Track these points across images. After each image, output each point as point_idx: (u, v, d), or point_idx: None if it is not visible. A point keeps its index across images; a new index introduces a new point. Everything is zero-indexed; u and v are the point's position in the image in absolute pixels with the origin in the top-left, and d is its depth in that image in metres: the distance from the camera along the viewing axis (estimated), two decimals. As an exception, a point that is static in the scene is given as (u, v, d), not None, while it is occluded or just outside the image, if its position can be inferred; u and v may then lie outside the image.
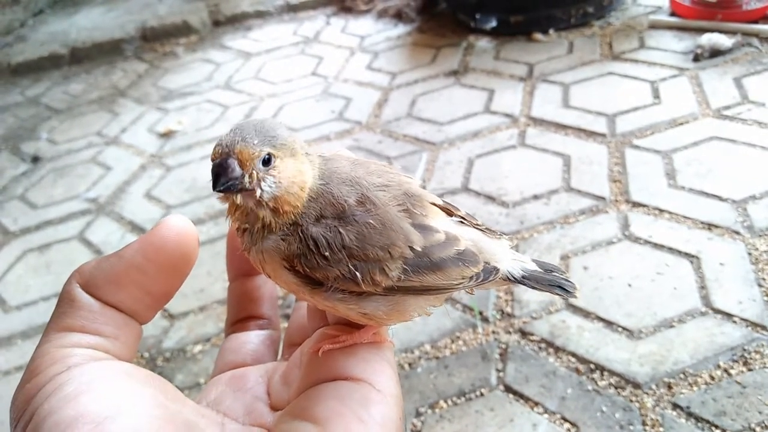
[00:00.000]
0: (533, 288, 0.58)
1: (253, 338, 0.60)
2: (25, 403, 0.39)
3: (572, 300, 1.75)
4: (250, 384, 0.54)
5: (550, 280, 0.58)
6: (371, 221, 0.50)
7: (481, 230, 0.58)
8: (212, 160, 0.50)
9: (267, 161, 0.49)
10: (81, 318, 0.43)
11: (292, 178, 0.50)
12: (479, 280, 0.54)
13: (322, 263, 0.49)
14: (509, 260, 0.57)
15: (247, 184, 0.49)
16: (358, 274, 0.49)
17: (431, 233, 0.52)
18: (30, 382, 0.40)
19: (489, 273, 0.54)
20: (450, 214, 0.57)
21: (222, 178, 0.49)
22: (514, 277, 0.56)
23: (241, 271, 0.63)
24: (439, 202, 0.57)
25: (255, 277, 0.62)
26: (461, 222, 0.57)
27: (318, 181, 0.51)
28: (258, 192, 0.49)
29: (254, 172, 0.49)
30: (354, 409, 0.45)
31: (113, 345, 0.44)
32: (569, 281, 0.58)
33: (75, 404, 0.37)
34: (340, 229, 0.50)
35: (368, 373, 0.48)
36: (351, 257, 0.49)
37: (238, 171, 0.49)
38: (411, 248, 0.51)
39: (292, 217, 0.50)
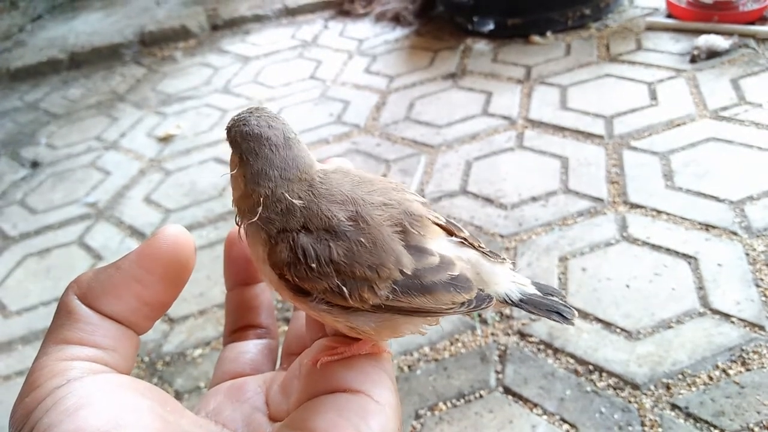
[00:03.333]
0: (530, 312, 0.57)
1: (251, 348, 0.60)
2: (24, 417, 0.39)
3: (571, 301, 1.76)
4: (248, 394, 0.54)
5: (548, 306, 0.57)
6: (362, 239, 0.50)
7: (482, 252, 0.57)
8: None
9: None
10: (79, 330, 0.43)
11: (231, 177, 0.54)
12: (471, 307, 0.53)
13: (309, 275, 0.49)
14: (508, 282, 0.56)
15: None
16: (345, 289, 0.49)
17: (425, 256, 0.52)
18: (29, 395, 0.40)
19: (482, 301, 0.54)
20: (452, 234, 0.57)
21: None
22: (512, 301, 0.56)
23: (238, 280, 0.63)
24: (442, 221, 0.56)
25: (252, 286, 0.63)
26: (462, 243, 0.56)
27: (268, 207, 0.52)
28: None
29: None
30: (352, 421, 0.45)
31: (111, 357, 0.44)
32: (567, 307, 0.58)
33: (74, 418, 0.37)
34: (330, 243, 0.50)
35: (367, 385, 0.49)
36: (338, 272, 0.49)
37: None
38: (401, 271, 0.50)
39: (247, 214, 0.53)
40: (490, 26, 3.33)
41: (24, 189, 2.95)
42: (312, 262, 0.49)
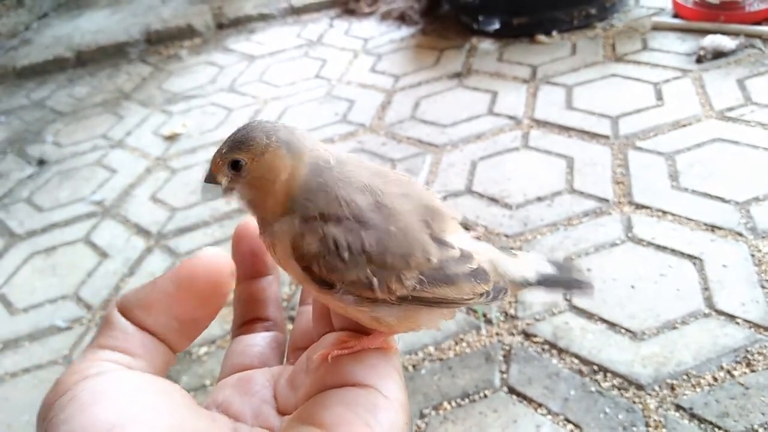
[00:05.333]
0: (550, 290, 0.59)
1: (258, 341, 0.61)
2: (45, 412, 0.40)
3: (575, 301, 1.76)
4: (257, 388, 0.54)
5: (566, 280, 0.59)
6: (392, 228, 0.51)
7: (497, 248, 0.58)
8: None
9: (237, 165, 0.53)
10: (113, 338, 0.45)
11: (263, 176, 0.52)
12: (489, 298, 0.54)
13: (340, 266, 0.49)
14: (524, 264, 0.58)
15: (224, 186, 0.54)
16: (375, 280, 0.50)
17: (447, 249, 0.53)
18: (52, 391, 0.41)
19: (499, 292, 0.55)
20: (467, 230, 0.58)
21: (201, 185, 0.56)
22: (529, 282, 0.57)
23: (246, 274, 0.63)
24: (459, 218, 0.57)
25: (260, 279, 0.63)
26: (477, 239, 0.58)
27: (313, 177, 0.52)
28: (233, 194, 0.54)
29: (227, 176, 0.54)
30: (361, 415, 0.46)
31: (139, 363, 0.45)
32: (585, 278, 0.59)
33: (87, 414, 0.38)
34: (362, 232, 0.50)
35: (375, 380, 0.49)
36: (370, 262, 0.50)
37: (209, 178, 0.55)
38: (428, 260, 0.51)
39: (283, 208, 0.52)
40: (496, 25, 3.32)
41: (30, 187, 2.97)
42: (344, 252, 0.49)
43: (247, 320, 0.62)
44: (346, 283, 0.50)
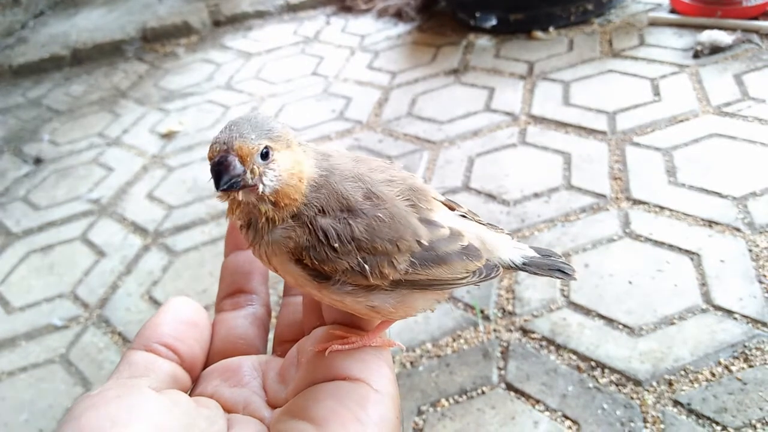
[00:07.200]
0: (534, 273, 0.60)
1: (240, 321, 0.60)
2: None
3: (573, 297, 1.76)
4: (246, 379, 0.54)
5: (549, 265, 0.61)
6: (380, 214, 0.51)
7: (483, 225, 0.59)
8: (210, 158, 0.50)
9: (265, 155, 0.49)
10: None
11: (291, 169, 0.50)
12: (482, 276, 0.55)
13: (331, 255, 0.50)
14: (511, 249, 0.60)
15: (249, 180, 0.49)
16: (366, 266, 0.50)
17: (436, 228, 0.54)
18: None
19: (491, 269, 0.56)
20: (452, 209, 0.59)
21: (224, 176, 0.48)
22: (515, 264, 0.59)
23: (237, 245, 0.64)
24: (441, 198, 0.58)
25: (248, 250, 0.63)
26: (463, 217, 0.59)
27: (319, 172, 0.52)
28: (260, 187, 0.49)
29: (255, 167, 0.49)
30: (352, 409, 0.46)
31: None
32: (567, 264, 0.61)
33: (76, 423, 0.40)
34: (350, 221, 0.50)
35: (366, 373, 0.49)
36: (360, 249, 0.50)
37: (239, 168, 0.49)
38: (418, 242, 0.52)
39: (294, 209, 0.51)
40: (493, 22, 3.32)
41: (27, 185, 2.96)
42: (334, 242, 0.50)
43: (232, 292, 0.62)
44: (340, 272, 0.50)
